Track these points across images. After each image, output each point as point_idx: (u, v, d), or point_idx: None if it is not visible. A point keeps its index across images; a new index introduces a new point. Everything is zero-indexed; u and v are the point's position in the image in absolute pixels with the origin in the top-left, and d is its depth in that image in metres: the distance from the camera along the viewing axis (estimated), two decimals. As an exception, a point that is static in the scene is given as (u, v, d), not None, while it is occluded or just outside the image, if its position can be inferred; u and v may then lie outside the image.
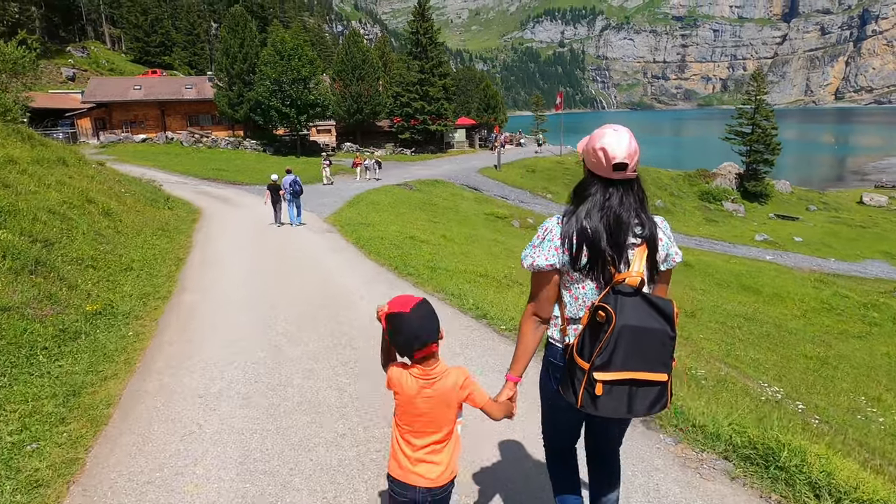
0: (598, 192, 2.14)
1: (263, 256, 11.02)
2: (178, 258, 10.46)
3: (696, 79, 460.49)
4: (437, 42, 45.14)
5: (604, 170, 2.11)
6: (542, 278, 2.22)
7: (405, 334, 2.08)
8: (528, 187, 36.71)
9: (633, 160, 2.11)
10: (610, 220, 2.10)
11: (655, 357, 2.04)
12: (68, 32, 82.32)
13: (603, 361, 2.01)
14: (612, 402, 2.05)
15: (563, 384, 2.20)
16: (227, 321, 6.44)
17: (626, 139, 2.10)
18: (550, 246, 2.18)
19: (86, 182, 15.66)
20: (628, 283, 2.06)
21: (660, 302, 2.07)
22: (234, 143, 41.94)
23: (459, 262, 12.55)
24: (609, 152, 2.07)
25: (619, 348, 2.00)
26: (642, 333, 2.02)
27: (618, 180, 2.14)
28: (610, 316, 2.00)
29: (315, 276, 8.93)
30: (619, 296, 2.04)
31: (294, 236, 14.14)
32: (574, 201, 2.22)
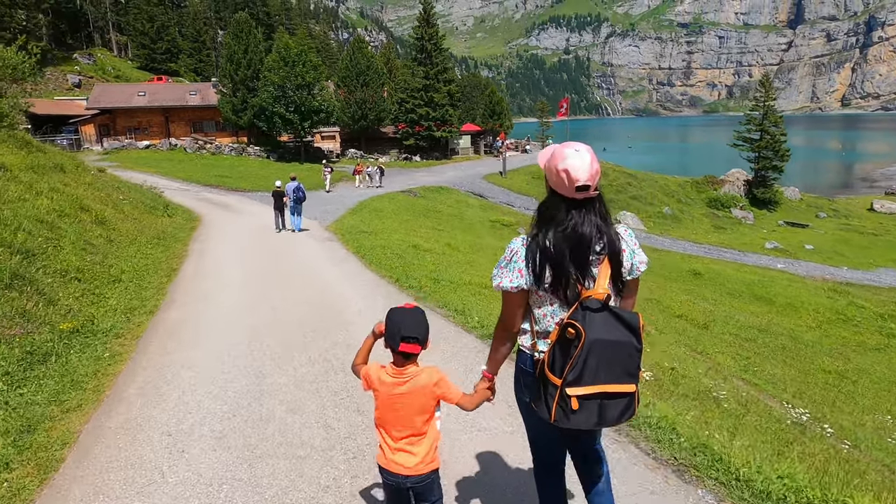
0: (562, 213, 2.18)
1: (258, 267, 10.60)
2: (172, 269, 10.05)
3: (701, 85, 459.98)
4: (441, 48, 44.84)
5: (567, 190, 2.14)
6: (510, 298, 2.28)
7: (399, 325, 2.28)
8: (535, 194, 36.22)
9: (594, 181, 2.15)
10: (573, 239, 2.15)
11: (623, 369, 2.11)
12: (75, 40, 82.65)
13: (574, 377, 2.07)
14: (584, 415, 2.11)
15: (535, 400, 2.26)
16: (211, 341, 5.99)
17: (588, 160, 2.13)
18: (516, 268, 2.23)
19: (82, 189, 15.33)
20: (595, 298, 2.12)
21: (626, 315, 2.14)
22: (237, 149, 41.67)
23: (464, 273, 12.10)
24: (572, 174, 2.10)
25: (590, 363, 2.06)
26: (611, 347, 2.08)
27: (580, 200, 2.17)
28: (579, 332, 2.06)
29: (311, 289, 8.49)
30: (588, 311, 2.10)
31: (292, 245, 13.73)
32: (538, 222, 2.26)
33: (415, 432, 2.36)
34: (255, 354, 5.55)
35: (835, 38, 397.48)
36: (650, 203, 39.71)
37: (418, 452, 2.37)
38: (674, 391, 6.26)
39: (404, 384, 2.32)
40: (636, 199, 39.82)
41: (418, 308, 2.36)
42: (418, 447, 2.37)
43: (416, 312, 2.33)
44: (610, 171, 44.01)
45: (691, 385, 7.07)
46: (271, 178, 32.68)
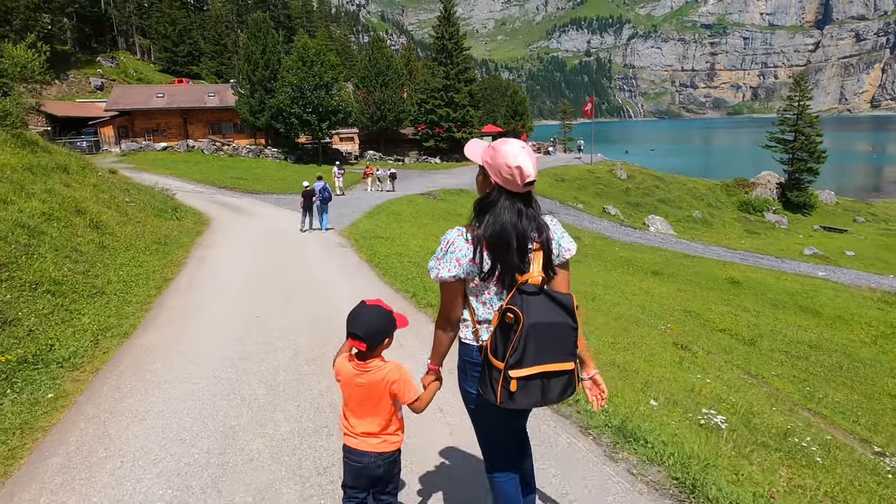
0: (504, 203, 2.26)
1: (260, 277, 9.58)
2: (165, 279, 9.08)
3: (725, 87, 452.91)
4: (462, 47, 43.72)
5: (517, 186, 2.25)
6: (448, 288, 2.34)
7: (351, 319, 2.38)
8: (558, 197, 34.97)
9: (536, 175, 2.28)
10: (518, 229, 2.25)
11: (562, 348, 2.22)
12: (99, 43, 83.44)
13: (516, 359, 2.16)
14: (527, 395, 2.21)
15: (482, 384, 2.31)
16: (181, 378, 4.89)
17: (533, 157, 2.27)
18: (452, 258, 2.28)
19: (84, 191, 14.56)
20: (531, 282, 2.23)
21: (561, 297, 2.25)
22: (255, 151, 41.05)
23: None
24: (524, 171, 2.22)
25: (530, 345, 2.16)
26: (548, 328, 2.18)
27: (522, 193, 2.29)
28: (518, 316, 2.15)
29: (314, 307, 7.42)
30: (525, 296, 2.20)
31: (301, 251, 12.74)
32: (479, 214, 2.33)
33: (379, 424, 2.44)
34: (233, 400, 4.45)
35: (864, 38, 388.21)
36: (679, 207, 38.18)
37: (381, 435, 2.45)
38: (751, 439, 5.08)
39: (362, 375, 2.41)
40: (664, 202, 38.33)
41: (378, 308, 2.39)
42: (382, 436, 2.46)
43: (370, 311, 2.37)
44: (637, 174, 42.58)
45: (766, 427, 5.88)
46: (288, 181, 32.04)
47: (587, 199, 35.98)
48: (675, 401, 5.68)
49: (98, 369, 4.94)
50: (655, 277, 20.39)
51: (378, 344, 2.37)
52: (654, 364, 7.84)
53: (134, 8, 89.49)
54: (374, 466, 2.45)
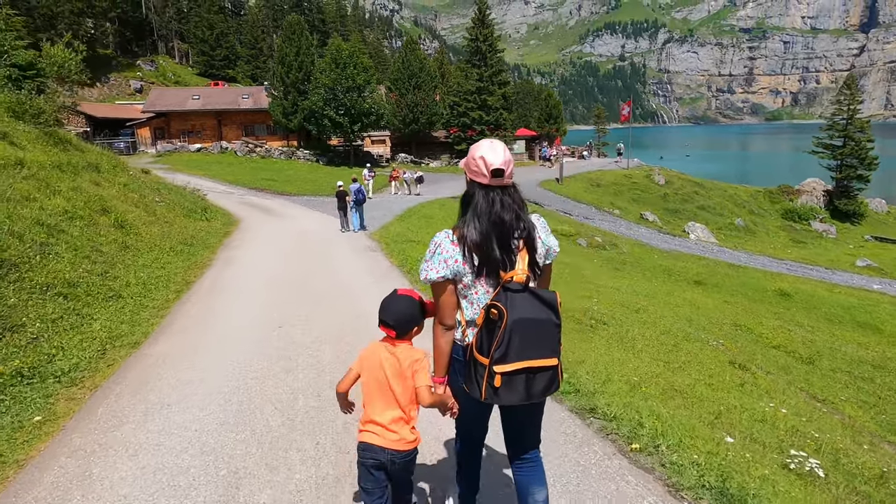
0: (481, 198, 2.31)
1: (285, 281, 9.04)
2: (187, 281, 8.62)
3: (764, 92, 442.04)
4: (497, 49, 43.01)
5: (484, 177, 2.30)
6: (439, 289, 2.34)
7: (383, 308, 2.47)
8: (594, 202, 33.97)
9: (508, 167, 2.31)
10: (495, 222, 2.27)
11: (546, 344, 2.25)
12: (140, 47, 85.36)
13: (500, 355, 2.19)
14: (511, 391, 2.23)
15: (467, 381, 2.35)
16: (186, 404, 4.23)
17: (501, 149, 2.32)
18: (440, 259, 2.31)
19: (114, 190, 14.34)
20: (516, 280, 2.26)
21: (545, 294, 2.28)
22: (287, 153, 41.05)
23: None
24: (487, 160, 2.27)
25: (514, 341, 2.19)
26: (533, 324, 2.21)
27: (497, 186, 2.31)
28: (502, 312, 2.19)
29: (341, 315, 6.82)
30: (509, 293, 2.23)
31: (330, 253, 12.21)
32: (462, 213, 2.37)
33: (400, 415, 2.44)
34: (241, 433, 3.81)
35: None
36: (720, 214, 36.73)
37: (400, 431, 2.44)
38: (850, 487, 4.27)
39: (391, 352, 2.45)
40: (704, 209, 36.92)
41: (408, 298, 2.47)
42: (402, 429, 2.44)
43: (401, 300, 2.46)
44: (675, 180, 41.21)
45: (858, 470, 5.05)
46: (318, 182, 31.80)
47: (624, 204, 34.87)
48: (753, 436, 4.91)
49: (98, 385, 4.41)
50: (699, 288, 19.36)
51: (407, 332, 2.46)
52: (715, 388, 7.03)
53: (174, 13, 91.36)
54: (390, 463, 2.44)
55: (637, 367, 6.62)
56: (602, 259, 21.78)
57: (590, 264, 19.93)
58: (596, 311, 9.87)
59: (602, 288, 14.88)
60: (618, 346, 7.70)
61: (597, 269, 19.12)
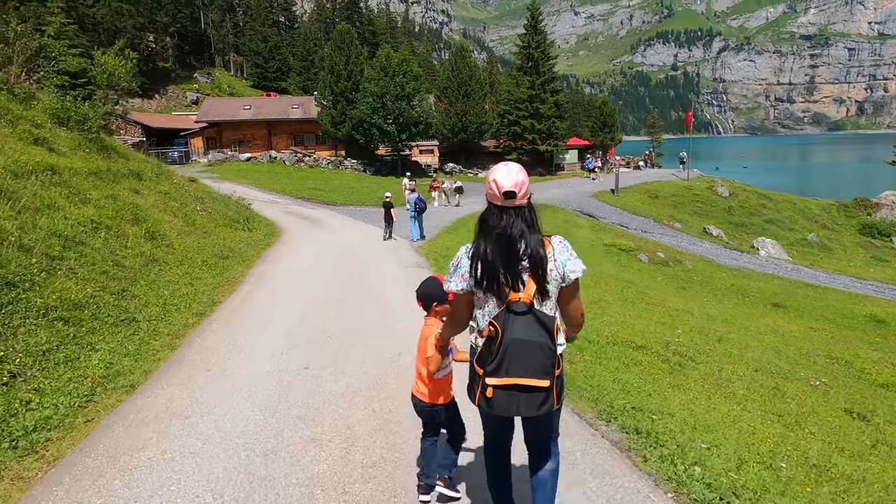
0: (493, 218, 2.44)
1: (321, 305, 7.97)
2: (213, 302, 7.70)
3: (826, 101, 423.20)
4: (549, 56, 41.68)
5: (497, 198, 2.42)
6: (458, 300, 2.57)
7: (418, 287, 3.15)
8: (652, 215, 32.07)
9: (520, 189, 2.39)
10: (502, 241, 2.38)
11: (538, 366, 2.31)
12: (197, 61, 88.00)
13: (492, 369, 2.33)
14: (501, 404, 2.36)
15: (468, 387, 2.53)
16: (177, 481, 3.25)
17: (514, 171, 2.42)
18: (460, 273, 2.49)
19: (153, 199, 13.77)
20: (522, 301, 2.35)
21: (545, 318, 2.35)
22: (335, 162, 40.75)
23: (594, 318, 8.95)
24: (499, 183, 2.39)
25: (506, 358, 2.31)
26: (527, 346, 2.30)
27: (510, 207, 2.41)
28: (497, 331, 2.32)
29: (380, 356, 5.65)
30: (511, 314, 2.34)
31: (374, 271, 11.17)
32: (479, 231, 2.50)
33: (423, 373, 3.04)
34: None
35: None
36: (790, 228, 34.16)
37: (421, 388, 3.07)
38: None
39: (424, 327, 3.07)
40: (773, 223, 34.42)
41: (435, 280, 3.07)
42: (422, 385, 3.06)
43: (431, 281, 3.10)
44: (740, 191, 38.77)
45: None
46: (364, 192, 31.13)
47: (685, 217, 32.82)
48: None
49: (61, 456, 3.37)
50: (779, 311, 17.45)
51: (429, 304, 3.06)
52: (852, 455, 5.56)
53: (230, 27, 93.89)
54: (421, 410, 3.09)
55: (752, 426, 5.26)
56: (666, 276, 20.10)
57: (653, 282, 18.33)
58: (678, 343, 8.45)
59: (673, 312, 13.35)
60: (718, 394, 6.32)
61: (661, 288, 17.50)
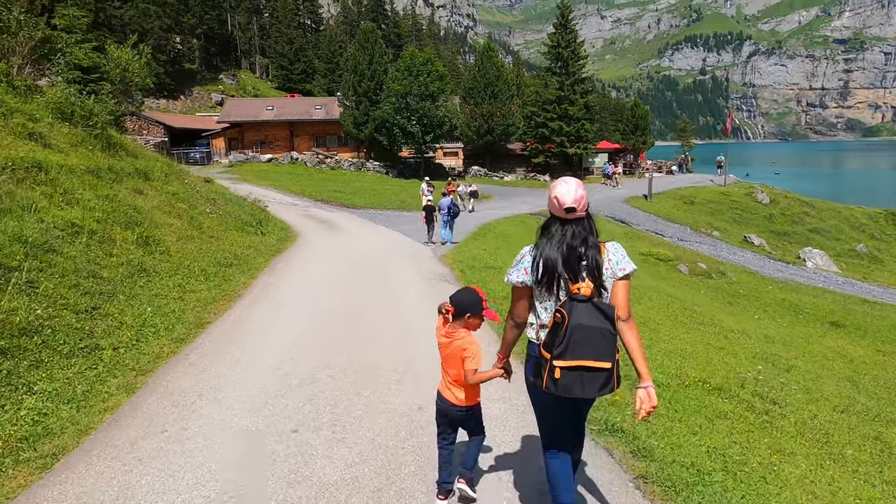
0: (557, 229, 2.77)
1: (328, 327, 6.73)
2: (200, 322, 6.53)
3: (861, 107, 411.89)
4: (580, 56, 40.10)
5: (559, 211, 2.74)
6: (518, 292, 2.86)
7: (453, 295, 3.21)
8: (688, 222, 30.37)
9: (580, 204, 2.72)
10: (563, 249, 2.70)
11: (601, 349, 2.57)
12: (224, 62, 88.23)
13: (559, 352, 2.58)
14: (568, 384, 2.60)
15: (535, 374, 2.78)
16: None
17: (573, 188, 2.72)
18: (522, 268, 2.81)
19: (158, 200, 12.76)
20: (583, 293, 2.61)
21: (605, 307, 2.62)
22: (356, 164, 39.75)
23: (650, 346, 7.59)
24: (560, 199, 2.71)
25: (572, 342, 2.55)
26: (590, 331, 2.55)
27: (570, 219, 2.74)
28: (564, 317, 2.56)
29: (391, 409, 4.43)
30: (574, 302, 2.60)
31: (392, 283, 9.94)
32: (541, 235, 2.83)
33: (455, 377, 3.16)
34: None
35: None
36: (836, 238, 32.13)
37: (457, 392, 3.17)
38: None
39: (448, 337, 3.13)
40: (817, 232, 32.45)
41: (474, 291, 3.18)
42: (458, 390, 3.17)
43: (469, 291, 3.19)
44: (780, 198, 36.78)
45: None
46: (386, 195, 29.99)
47: (723, 225, 31.05)
48: None
49: None
50: (838, 331, 15.79)
51: (461, 314, 3.09)
52: None
53: (257, 29, 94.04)
54: (452, 413, 3.19)
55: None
56: (710, 289, 18.53)
57: (697, 296, 16.81)
58: (754, 380, 7.04)
59: (728, 333, 11.87)
60: (825, 457, 4.95)
61: (707, 304, 15.98)
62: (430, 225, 16.26)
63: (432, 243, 15.87)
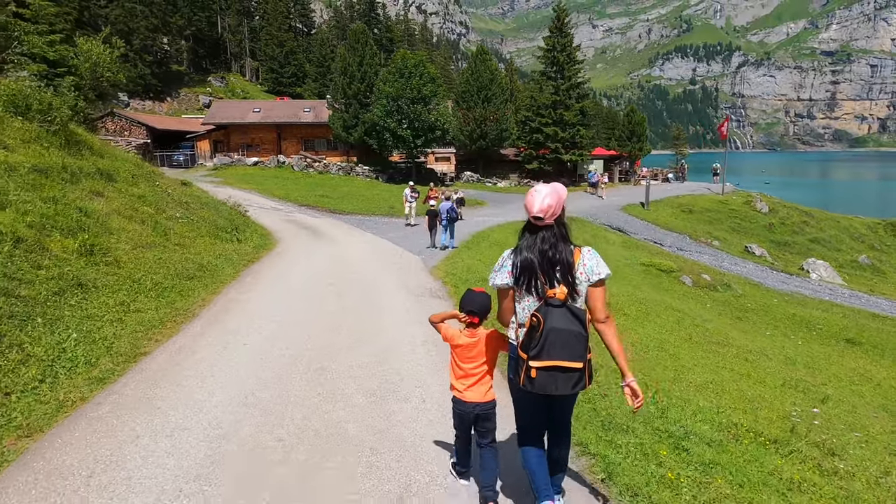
0: (528, 232, 2.93)
1: (287, 371, 5.46)
2: (136, 352, 5.31)
3: (848, 118, 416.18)
4: (575, 60, 39.18)
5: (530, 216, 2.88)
6: (502, 294, 3.00)
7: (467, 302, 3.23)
8: (687, 230, 29.43)
9: (546, 213, 2.82)
10: (536, 252, 2.85)
11: (574, 351, 2.73)
12: (213, 65, 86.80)
13: (535, 353, 2.73)
14: (543, 382, 2.75)
15: (514, 372, 2.92)
16: None
17: (541, 198, 2.82)
18: (505, 271, 2.94)
19: (119, 202, 11.53)
20: (557, 297, 2.76)
21: (577, 311, 2.77)
22: (345, 168, 38.54)
23: (675, 380, 6.49)
24: (527, 207, 2.86)
25: (548, 344, 2.71)
26: (564, 333, 2.71)
27: (540, 225, 2.88)
28: (540, 321, 2.72)
29: (366, 484, 3.29)
30: (550, 307, 2.75)
31: (376, 300, 8.75)
32: (520, 237, 2.98)
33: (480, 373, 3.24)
34: None
35: None
36: (837, 249, 31.32)
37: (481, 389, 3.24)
38: None
39: (475, 338, 3.22)
40: (818, 242, 31.62)
41: (485, 293, 3.26)
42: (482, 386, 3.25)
43: (482, 296, 3.25)
44: (779, 207, 35.97)
45: None
46: (375, 200, 28.79)
47: (722, 234, 30.12)
48: None
49: None
50: (855, 349, 14.78)
51: (486, 318, 3.25)
52: None
53: (247, 31, 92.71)
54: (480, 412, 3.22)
55: None
56: (716, 303, 17.48)
57: (705, 311, 15.75)
58: (807, 428, 5.92)
59: (748, 355, 10.80)
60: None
61: (716, 319, 14.92)
62: (434, 230, 16.40)
63: (434, 248, 15.93)
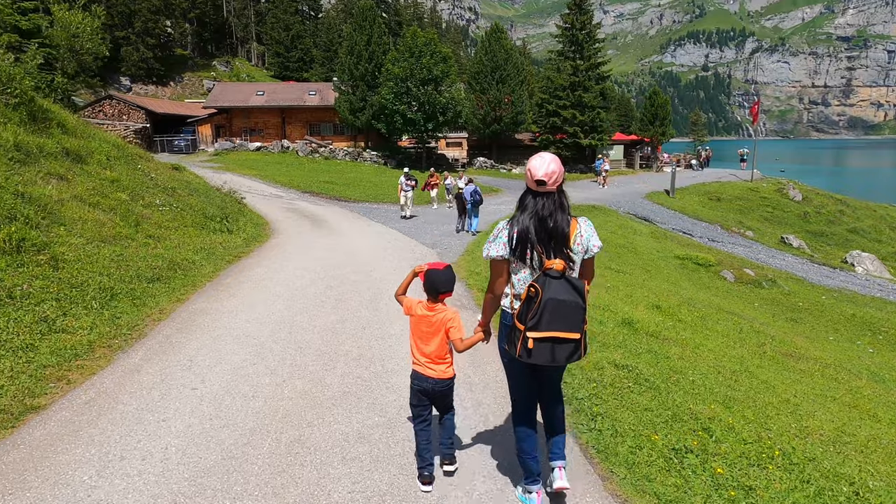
0: (529, 201, 2.90)
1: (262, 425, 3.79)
2: (24, 408, 3.58)
3: (864, 105, 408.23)
4: (596, 38, 37.04)
5: (531, 184, 2.88)
6: (497, 265, 2.97)
7: (437, 283, 3.13)
8: (718, 220, 27.46)
9: (550, 179, 2.82)
10: (536, 220, 2.84)
11: (571, 321, 2.74)
12: (218, 49, 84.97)
13: (533, 324, 2.72)
14: (540, 353, 2.75)
15: (508, 342, 2.93)
16: None
17: (546, 162, 2.83)
18: (501, 242, 2.92)
19: (84, 187, 9.83)
20: (555, 268, 2.76)
21: (576, 282, 2.78)
22: (352, 154, 36.73)
23: (781, 418, 4.73)
24: (532, 172, 2.84)
25: (545, 314, 2.70)
26: (562, 304, 2.71)
27: (542, 192, 2.87)
28: (538, 291, 2.71)
29: None
30: (548, 278, 2.75)
31: (384, 305, 7.00)
32: (517, 208, 2.96)
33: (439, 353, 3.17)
34: None
35: None
36: (877, 240, 29.26)
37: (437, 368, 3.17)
38: None
39: (433, 316, 3.16)
40: (856, 232, 29.57)
41: (450, 268, 3.18)
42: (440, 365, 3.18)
43: (447, 272, 3.16)
44: (813, 196, 33.87)
45: None
46: (383, 187, 27.02)
47: (755, 224, 28.12)
48: None
49: None
50: (933, 357, 12.92)
51: (436, 294, 3.17)
52: None
53: (253, 15, 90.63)
54: (432, 389, 3.18)
55: None
56: (765, 302, 15.61)
57: (754, 311, 13.91)
58: None
59: (826, 371, 9.00)
60: None
61: (770, 321, 13.09)
62: (462, 213, 16.13)
63: (465, 231, 15.93)
